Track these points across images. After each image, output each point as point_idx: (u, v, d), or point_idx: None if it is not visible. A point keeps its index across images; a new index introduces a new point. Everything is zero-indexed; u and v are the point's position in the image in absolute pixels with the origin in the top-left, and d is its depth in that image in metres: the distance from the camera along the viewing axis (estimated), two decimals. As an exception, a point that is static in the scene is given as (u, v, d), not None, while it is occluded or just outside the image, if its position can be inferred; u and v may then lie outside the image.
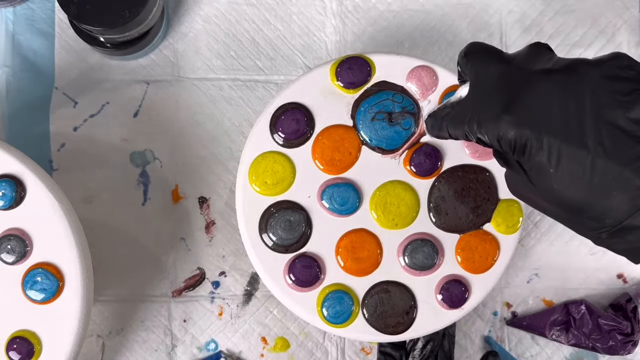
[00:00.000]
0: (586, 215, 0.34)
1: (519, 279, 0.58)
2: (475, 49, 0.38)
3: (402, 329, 0.48)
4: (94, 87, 0.57)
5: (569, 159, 0.33)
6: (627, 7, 0.59)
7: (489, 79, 0.36)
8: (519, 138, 0.34)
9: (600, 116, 0.33)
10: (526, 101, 0.34)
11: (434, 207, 0.49)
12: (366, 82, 0.49)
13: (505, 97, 0.35)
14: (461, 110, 0.38)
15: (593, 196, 0.33)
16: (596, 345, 0.56)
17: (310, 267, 0.48)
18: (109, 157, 0.56)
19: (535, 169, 0.34)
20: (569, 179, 0.33)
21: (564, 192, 0.34)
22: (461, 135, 0.38)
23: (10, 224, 0.46)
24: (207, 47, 0.57)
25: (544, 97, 0.34)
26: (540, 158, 0.34)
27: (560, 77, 0.34)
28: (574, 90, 0.34)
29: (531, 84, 0.35)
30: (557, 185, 0.34)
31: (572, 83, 0.34)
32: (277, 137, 0.49)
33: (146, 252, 0.56)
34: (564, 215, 0.36)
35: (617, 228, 0.33)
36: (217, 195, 0.57)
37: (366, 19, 0.58)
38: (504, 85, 0.35)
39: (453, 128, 0.38)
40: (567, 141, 0.33)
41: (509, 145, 0.35)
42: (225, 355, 0.56)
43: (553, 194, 0.34)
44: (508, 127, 0.34)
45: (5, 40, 0.56)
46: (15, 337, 0.45)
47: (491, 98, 0.36)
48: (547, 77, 0.35)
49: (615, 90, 0.34)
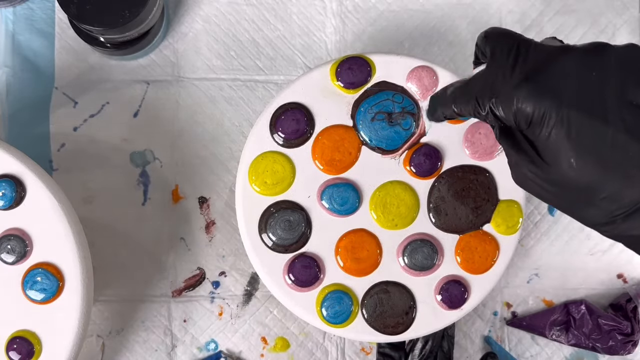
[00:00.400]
0: (601, 196, 0.33)
1: (519, 279, 0.58)
2: (496, 30, 0.38)
3: (401, 329, 0.48)
4: (94, 87, 0.57)
5: (590, 133, 0.32)
6: (627, 7, 0.59)
7: (509, 53, 0.36)
8: (537, 109, 0.33)
9: (621, 94, 0.33)
10: (547, 72, 0.34)
11: (434, 208, 0.49)
12: (366, 82, 0.49)
13: (524, 69, 0.35)
14: (474, 84, 0.37)
15: (611, 173, 0.32)
16: (596, 345, 0.56)
17: (309, 267, 0.48)
18: (109, 157, 0.56)
19: (552, 145, 0.33)
20: (588, 154, 0.33)
21: (581, 170, 0.33)
22: (469, 108, 0.37)
23: (10, 224, 0.46)
24: (207, 47, 0.57)
25: (565, 70, 0.34)
26: (559, 131, 0.33)
27: (583, 53, 0.34)
28: (596, 67, 0.34)
29: (553, 57, 0.34)
30: (575, 160, 0.33)
31: (595, 60, 0.34)
32: (277, 137, 0.49)
33: (146, 252, 0.56)
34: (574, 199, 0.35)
35: (634, 209, 0.32)
36: (217, 195, 0.57)
37: (366, 19, 0.58)
38: (524, 59, 0.35)
39: (462, 100, 0.38)
40: (589, 114, 0.32)
41: (525, 118, 0.34)
42: (225, 355, 0.56)
43: (568, 172, 0.33)
44: (527, 97, 0.33)
45: (5, 40, 0.56)
46: (15, 337, 0.45)
47: (510, 69, 0.35)
48: (569, 52, 0.34)
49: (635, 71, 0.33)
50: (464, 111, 0.38)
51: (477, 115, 0.37)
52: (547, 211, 0.59)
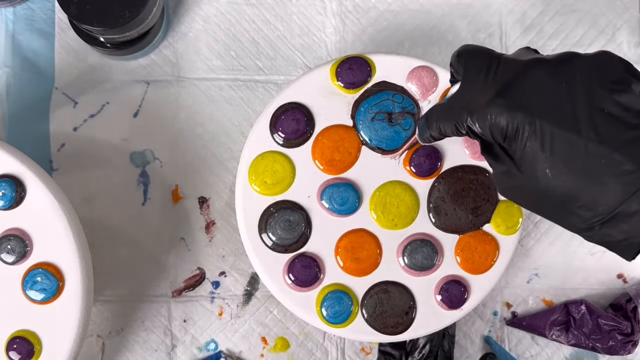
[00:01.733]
0: (578, 203, 0.34)
1: (519, 279, 0.58)
2: (468, 47, 0.39)
3: (401, 329, 0.48)
4: (94, 87, 0.57)
5: (563, 144, 0.33)
6: (627, 7, 0.59)
7: (480, 71, 0.36)
8: (510, 123, 0.34)
9: (592, 102, 0.33)
10: (518, 86, 0.35)
11: (434, 208, 0.49)
12: (366, 82, 0.49)
13: (497, 84, 0.35)
14: (451, 103, 0.38)
15: (586, 182, 0.33)
16: (596, 345, 0.56)
17: (309, 267, 0.48)
18: (109, 157, 0.56)
19: (527, 156, 0.34)
20: (562, 164, 0.33)
21: (556, 179, 0.34)
22: (450, 128, 0.38)
23: (10, 224, 0.46)
24: (207, 47, 0.57)
25: (536, 83, 0.34)
26: (533, 143, 0.34)
27: (552, 64, 0.35)
28: (566, 77, 0.34)
29: (523, 70, 0.35)
30: (550, 171, 0.34)
31: (564, 70, 0.34)
32: (277, 137, 0.49)
33: (146, 252, 0.56)
34: (554, 208, 0.36)
35: (611, 216, 0.33)
36: (217, 195, 0.57)
37: (366, 19, 0.58)
38: (496, 75, 0.36)
39: (443, 121, 0.38)
40: (561, 125, 0.33)
41: (500, 132, 0.35)
42: (225, 355, 0.56)
43: (545, 182, 0.34)
44: (500, 111, 0.34)
45: (5, 40, 0.56)
46: (15, 337, 0.45)
47: (482, 86, 0.36)
48: (539, 64, 0.35)
49: (606, 78, 0.34)
50: (447, 131, 0.39)
51: (458, 134, 0.38)
52: (547, 211, 0.59)
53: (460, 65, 0.38)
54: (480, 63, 0.37)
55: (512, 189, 0.37)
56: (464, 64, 0.38)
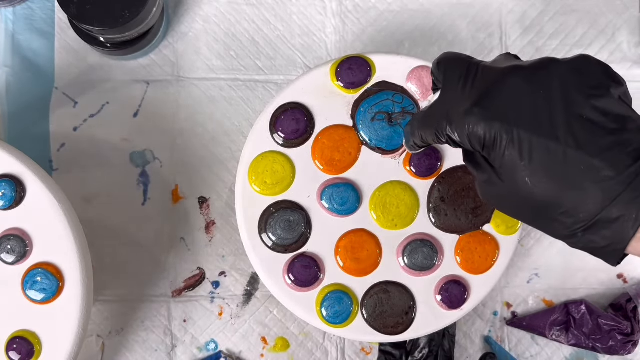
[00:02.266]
0: (559, 211, 0.34)
1: (519, 279, 0.58)
2: (448, 55, 0.39)
3: (401, 329, 0.48)
4: (94, 87, 0.57)
5: (541, 151, 0.33)
6: (627, 7, 0.59)
7: (459, 79, 0.36)
8: (488, 132, 0.34)
9: (569, 108, 0.33)
10: (495, 95, 0.35)
11: (434, 208, 0.49)
12: (366, 82, 0.49)
13: (474, 93, 0.35)
14: (431, 111, 0.38)
15: (566, 189, 0.33)
16: (596, 345, 0.56)
17: (309, 267, 0.48)
18: (109, 157, 0.56)
19: (506, 165, 0.34)
20: (542, 172, 0.33)
21: (536, 187, 0.34)
22: (431, 137, 0.38)
23: (10, 224, 0.46)
24: (207, 47, 0.57)
25: (513, 91, 0.34)
26: (511, 152, 0.34)
27: (529, 71, 0.35)
28: (543, 84, 0.34)
29: (500, 79, 0.35)
30: (530, 179, 0.34)
31: (541, 77, 0.34)
32: (277, 137, 0.49)
33: (146, 252, 0.56)
34: (536, 215, 0.35)
35: (592, 222, 0.33)
36: (217, 195, 0.57)
37: (366, 19, 0.58)
38: (473, 83, 0.36)
39: (423, 129, 0.39)
40: (538, 133, 0.33)
41: (478, 141, 0.35)
42: (225, 355, 0.56)
43: (525, 190, 0.34)
44: (477, 120, 0.34)
45: (5, 40, 0.56)
46: (15, 337, 0.45)
47: (460, 95, 0.36)
48: (516, 72, 0.35)
49: (583, 83, 0.34)
50: (428, 140, 0.39)
51: (439, 142, 0.38)
52: (547, 211, 0.59)
53: (441, 73, 0.38)
54: (459, 71, 0.37)
55: (495, 197, 0.37)
56: (443, 71, 0.38)
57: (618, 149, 0.32)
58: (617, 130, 0.33)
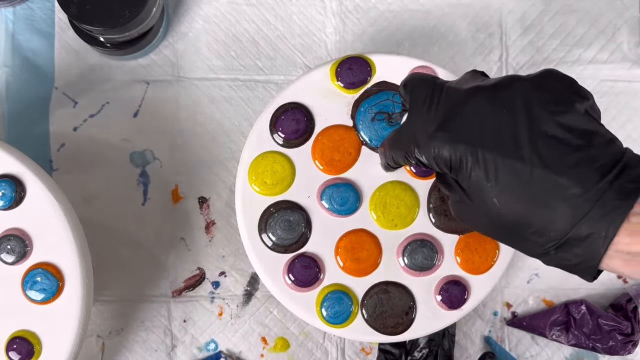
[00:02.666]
0: (530, 230, 0.33)
1: (519, 279, 0.58)
2: (413, 77, 0.39)
3: (401, 330, 0.48)
4: (94, 87, 0.57)
5: (506, 172, 0.33)
6: (627, 7, 0.59)
7: (424, 101, 0.37)
8: (453, 155, 0.34)
9: (533, 126, 0.33)
10: (458, 117, 0.35)
11: (434, 208, 0.49)
12: (366, 82, 0.49)
13: (439, 115, 0.35)
14: (400, 134, 0.38)
15: (534, 208, 0.33)
16: (596, 345, 0.56)
17: (309, 267, 0.48)
18: (109, 157, 0.56)
19: (474, 186, 0.34)
20: (509, 192, 0.33)
21: (505, 208, 0.33)
22: (401, 159, 0.38)
23: (10, 224, 0.46)
24: (207, 47, 0.57)
25: (476, 112, 0.34)
26: (477, 173, 0.34)
27: (492, 91, 0.35)
28: (506, 103, 0.34)
29: (463, 100, 0.35)
30: (498, 199, 0.33)
31: (504, 96, 0.34)
32: (277, 137, 0.49)
33: (146, 252, 0.56)
34: (508, 234, 0.35)
35: (563, 240, 0.33)
36: (217, 195, 0.57)
37: (366, 19, 0.58)
38: (437, 106, 0.36)
39: (394, 151, 0.39)
40: (503, 154, 0.33)
41: (444, 163, 0.35)
42: (225, 355, 0.56)
43: (495, 210, 0.34)
44: (442, 144, 0.34)
45: (5, 40, 0.56)
46: (15, 337, 0.45)
47: (425, 118, 0.36)
48: (478, 92, 0.35)
49: (547, 100, 0.33)
50: (399, 161, 0.39)
51: (409, 164, 0.39)
52: (547, 211, 0.59)
53: (407, 95, 0.38)
54: (424, 92, 0.37)
55: (467, 217, 0.37)
56: (410, 93, 0.38)
57: (585, 165, 0.32)
58: (583, 146, 0.33)
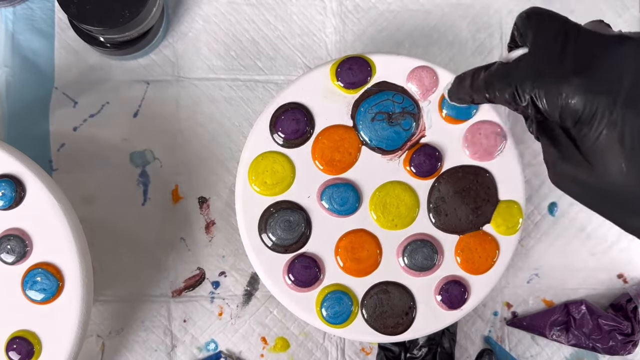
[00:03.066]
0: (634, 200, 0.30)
1: (519, 279, 0.58)
2: (540, 10, 0.34)
3: (401, 330, 0.48)
4: (94, 87, 0.57)
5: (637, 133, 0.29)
6: (627, 7, 0.59)
7: (555, 39, 0.32)
8: (588, 107, 0.30)
9: None
10: (601, 65, 0.31)
11: (434, 208, 0.49)
12: (366, 82, 0.49)
13: (575, 60, 0.31)
14: (514, 70, 0.33)
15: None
16: (596, 345, 0.56)
17: (309, 267, 0.48)
18: (109, 157, 0.56)
19: (600, 147, 0.30)
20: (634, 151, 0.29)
21: (631, 177, 0.30)
22: (505, 95, 0.33)
23: (10, 224, 0.46)
24: (207, 47, 0.57)
25: (621, 64, 0.30)
26: (610, 133, 0.30)
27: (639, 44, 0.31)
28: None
29: (606, 48, 0.31)
30: (626, 166, 0.30)
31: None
32: (277, 137, 0.49)
33: (146, 252, 0.56)
34: (618, 206, 0.32)
35: None
36: (217, 195, 0.57)
37: (366, 19, 0.58)
38: (574, 48, 0.32)
39: (499, 88, 0.34)
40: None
41: (572, 116, 0.31)
42: (225, 355, 0.56)
43: (616, 179, 0.30)
44: (577, 92, 0.30)
45: (5, 40, 0.56)
46: (15, 337, 0.45)
47: (558, 58, 0.32)
48: (624, 43, 0.31)
49: None
50: (498, 98, 0.34)
51: (513, 105, 0.33)
52: (547, 211, 0.59)
53: (530, 29, 0.34)
54: (555, 30, 0.32)
55: (568, 179, 0.33)
56: (535, 28, 0.33)
57: None
58: None
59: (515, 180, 0.49)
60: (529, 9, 0.35)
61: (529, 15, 0.34)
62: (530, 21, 0.34)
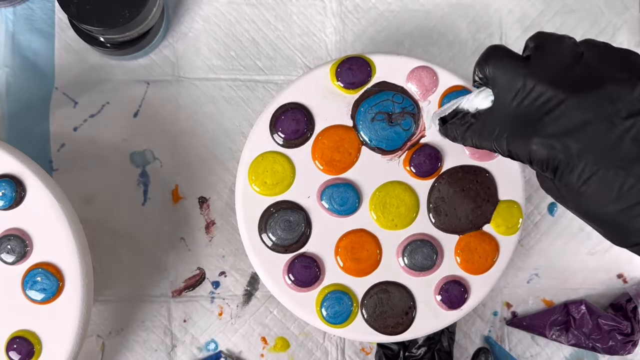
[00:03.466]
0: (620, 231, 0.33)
1: (519, 279, 0.58)
2: (497, 53, 0.36)
3: (401, 330, 0.48)
4: (94, 87, 0.57)
5: (601, 181, 0.32)
6: (627, 7, 0.59)
7: (514, 93, 0.35)
8: (551, 160, 0.33)
9: (638, 138, 0.32)
10: (556, 121, 0.33)
11: (434, 208, 0.49)
12: (366, 82, 0.49)
13: (534, 116, 0.34)
14: (488, 123, 0.36)
15: (625, 219, 0.32)
16: (596, 345, 0.56)
17: (309, 267, 0.48)
18: (109, 157, 0.56)
19: (567, 187, 0.34)
20: (601, 198, 0.32)
21: (595, 210, 0.33)
22: (488, 148, 0.37)
23: (10, 224, 0.46)
24: (207, 47, 0.57)
25: (575, 117, 0.33)
26: (572, 179, 0.33)
27: (589, 95, 0.33)
28: (604, 112, 0.32)
29: (561, 102, 0.33)
30: (586, 201, 0.33)
31: (604, 104, 0.32)
32: (277, 137, 0.49)
33: (146, 252, 0.56)
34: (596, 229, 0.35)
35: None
36: (217, 195, 0.57)
37: (366, 19, 0.58)
38: (532, 103, 0.34)
39: (480, 141, 0.37)
40: (601, 163, 0.32)
41: (540, 165, 0.34)
42: (225, 355, 0.56)
43: (586, 209, 0.34)
44: (539, 148, 0.33)
45: (5, 40, 0.56)
46: (15, 337, 0.45)
47: (519, 116, 0.34)
48: (577, 96, 0.33)
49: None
50: (485, 148, 0.37)
51: (495, 153, 0.37)
52: (547, 211, 0.59)
53: (490, 77, 0.36)
54: (514, 81, 0.34)
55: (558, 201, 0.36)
56: (495, 77, 0.35)
57: None
58: None
59: (515, 180, 0.49)
60: (488, 49, 0.36)
61: (486, 58, 0.36)
62: (490, 66, 0.36)
